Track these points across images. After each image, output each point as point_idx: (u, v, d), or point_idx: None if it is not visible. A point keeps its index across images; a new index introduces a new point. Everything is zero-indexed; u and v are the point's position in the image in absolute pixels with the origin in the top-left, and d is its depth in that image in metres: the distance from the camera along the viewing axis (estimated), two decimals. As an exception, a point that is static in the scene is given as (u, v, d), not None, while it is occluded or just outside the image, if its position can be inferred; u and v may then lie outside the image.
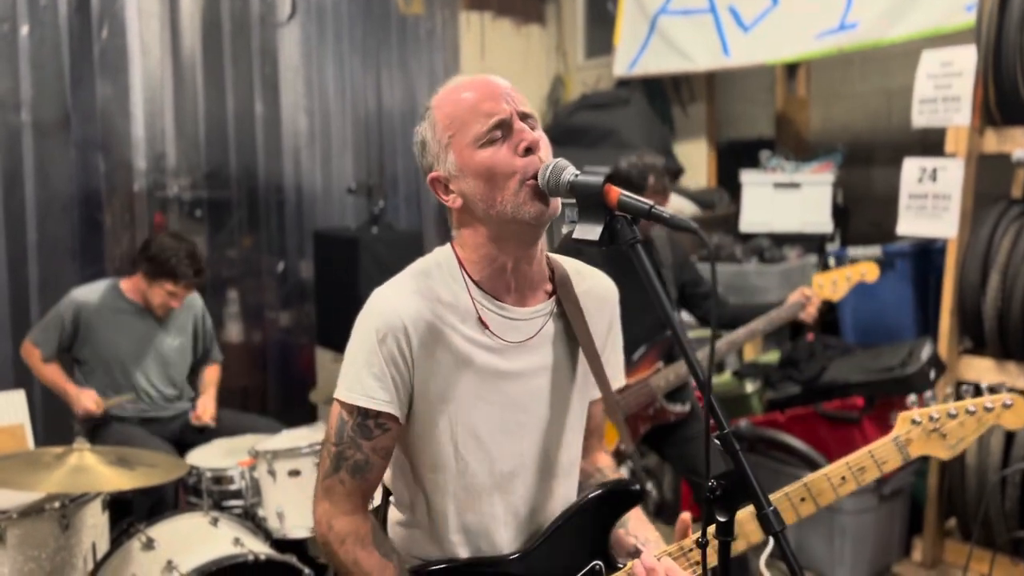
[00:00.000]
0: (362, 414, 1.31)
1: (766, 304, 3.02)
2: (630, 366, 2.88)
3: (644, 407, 2.85)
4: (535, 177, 1.28)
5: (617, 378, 1.52)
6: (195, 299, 3.32)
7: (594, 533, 1.41)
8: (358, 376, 1.31)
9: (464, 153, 1.30)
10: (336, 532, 1.33)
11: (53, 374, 3.10)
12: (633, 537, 1.43)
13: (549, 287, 1.41)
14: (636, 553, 1.36)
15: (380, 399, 1.31)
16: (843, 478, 1.48)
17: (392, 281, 1.38)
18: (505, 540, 1.40)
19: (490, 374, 1.35)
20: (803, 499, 1.46)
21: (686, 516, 1.41)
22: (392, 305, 1.32)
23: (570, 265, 1.46)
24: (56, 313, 3.10)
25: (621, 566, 1.41)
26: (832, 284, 2.86)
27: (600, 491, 1.43)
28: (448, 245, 1.40)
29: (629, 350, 2.85)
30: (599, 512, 1.42)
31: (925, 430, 1.57)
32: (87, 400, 2.99)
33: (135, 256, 3.19)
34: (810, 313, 2.82)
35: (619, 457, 2.89)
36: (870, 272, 2.85)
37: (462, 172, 1.30)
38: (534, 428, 1.40)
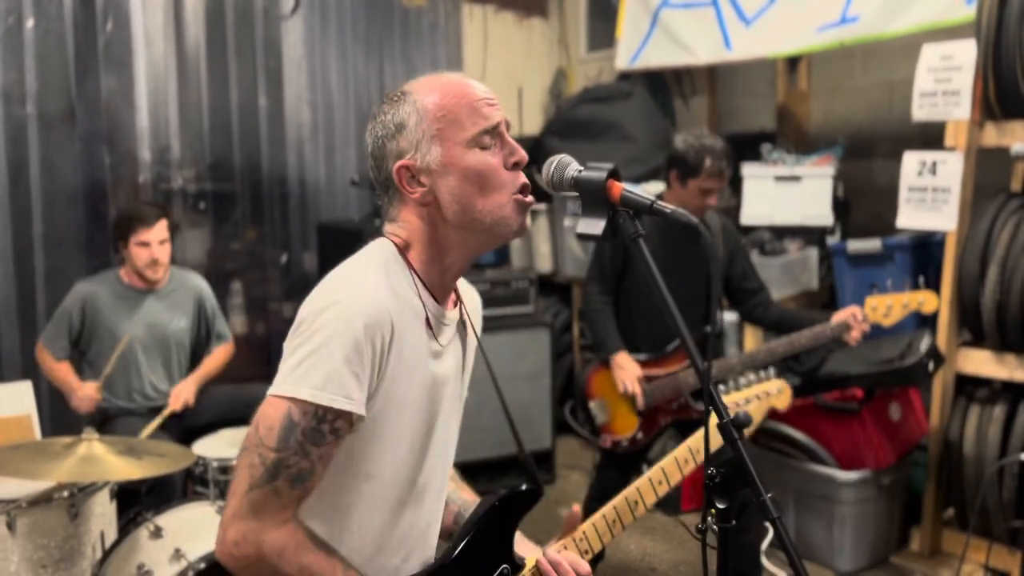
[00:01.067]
0: (320, 417, 1.15)
1: (809, 312, 2.94)
2: (662, 356, 2.88)
3: (668, 400, 2.84)
4: (522, 191, 1.27)
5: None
6: (197, 280, 3.35)
7: (501, 538, 1.37)
8: (333, 373, 1.15)
9: (454, 151, 1.24)
10: (271, 547, 1.17)
11: (63, 372, 3.14)
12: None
13: (454, 295, 1.37)
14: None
15: (356, 400, 1.17)
16: (661, 479, 1.56)
17: (357, 271, 1.25)
18: (414, 555, 1.34)
19: (429, 379, 1.29)
20: (636, 502, 1.52)
21: (576, 508, 1.45)
22: (376, 298, 1.20)
23: None
24: (63, 309, 3.15)
25: (522, 566, 1.38)
26: (887, 308, 2.73)
27: (505, 494, 1.38)
28: (386, 240, 1.29)
29: (664, 342, 2.87)
30: (504, 516, 1.37)
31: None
32: (89, 389, 3.03)
33: (111, 234, 3.24)
34: (854, 337, 2.70)
35: (633, 444, 2.89)
36: (929, 302, 2.71)
37: (446, 169, 1.24)
38: (442, 438, 1.35)
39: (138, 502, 2.52)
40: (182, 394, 3.17)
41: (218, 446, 2.89)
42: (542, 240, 4.66)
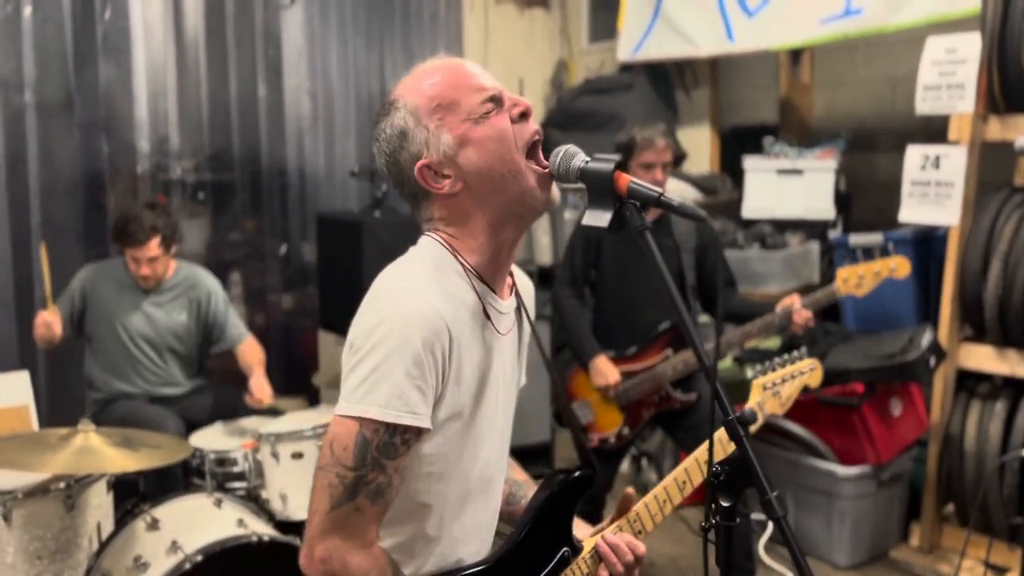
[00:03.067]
0: (391, 431, 1.17)
1: (760, 304, 2.96)
2: (639, 351, 2.89)
3: (649, 393, 2.87)
4: (534, 146, 1.25)
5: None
6: (204, 279, 3.32)
7: (560, 521, 1.40)
8: (397, 389, 1.15)
9: (462, 128, 1.23)
10: (355, 568, 1.19)
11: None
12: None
13: (510, 280, 1.37)
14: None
15: (422, 414, 1.18)
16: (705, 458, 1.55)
17: (406, 278, 1.24)
18: (483, 545, 1.37)
19: (490, 373, 1.30)
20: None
21: (630, 491, 1.45)
22: (430, 306, 1.19)
23: None
24: (68, 288, 3.17)
25: (580, 549, 1.41)
26: (858, 278, 2.70)
27: (565, 478, 1.40)
28: (430, 238, 1.29)
29: (643, 335, 2.88)
30: (563, 500, 1.40)
31: (772, 393, 1.87)
32: (46, 314, 2.96)
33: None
34: (798, 324, 2.69)
35: (620, 440, 2.91)
36: (901, 267, 2.68)
37: (462, 146, 1.22)
38: (503, 426, 1.37)
39: (135, 493, 2.51)
40: (264, 388, 3.11)
41: (215, 438, 2.88)
42: (542, 232, 4.64)
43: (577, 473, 1.40)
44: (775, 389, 1.82)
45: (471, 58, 5.14)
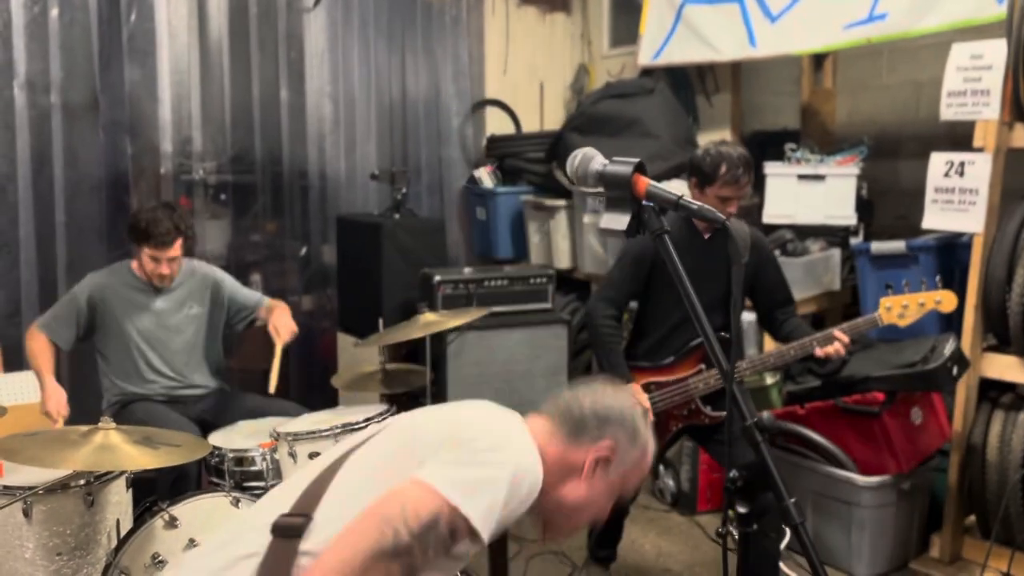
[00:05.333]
0: (456, 529, 1.27)
1: (811, 330, 2.93)
2: (672, 362, 2.85)
3: (679, 406, 2.83)
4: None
5: None
6: (206, 268, 3.34)
7: None
8: (493, 508, 1.29)
9: (616, 486, 1.50)
10: None
11: (44, 365, 2.98)
12: None
13: None
14: None
15: (484, 539, 1.30)
16: None
17: (533, 448, 1.42)
18: None
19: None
20: None
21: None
22: (537, 465, 1.39)
23: None
24: (70, 296, 3.12)
25: None
26: (902, 309, 2.66)
27: None
28: (528, 434, 1.46)
29: (680, 347, 2.85)
30: None
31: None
32: (52, 404, 2.89)
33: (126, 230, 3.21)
34: (826, 352, 2.69)
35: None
36: (947, 302, 2.64)
37: (607, 489, 1.49)
38: None
39: (154, 491, 2.52)
40: (289, 326, 3.17)
41: (234, 438, 2.90)
42: (561, 237, 4.63)
43: None
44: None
45: (492, 61, 5.16)
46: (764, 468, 1.03)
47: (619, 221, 1.15)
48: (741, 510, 1.07)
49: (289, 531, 1.32)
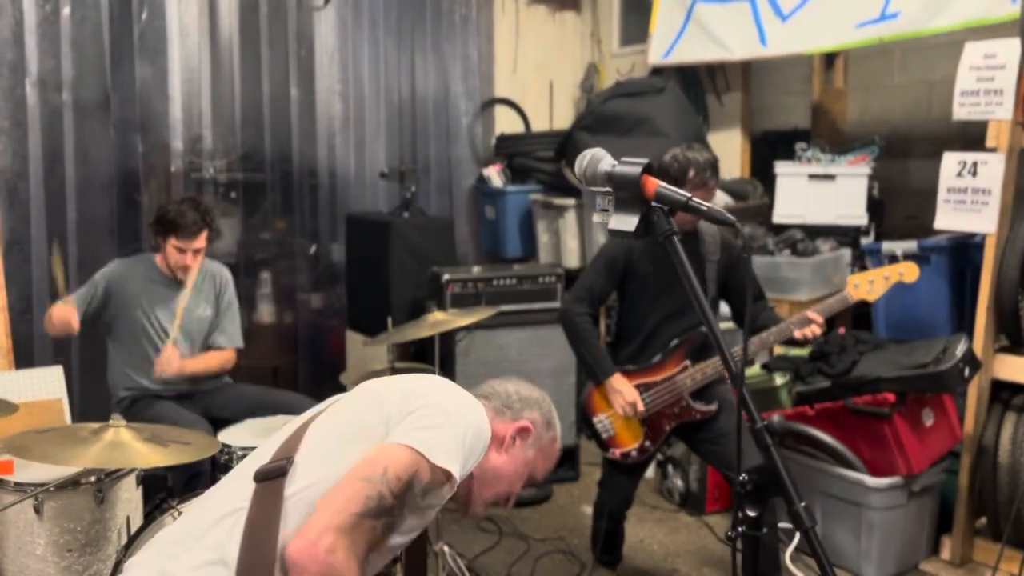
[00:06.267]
0: (433, 491, 1.39)
1: (798, 306, 3.00)
2: (658, 363, 2.87)
3: (670, 405, 2.85)
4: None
5: None
6: (224, 272, 3.36)
7: None
8: (465, 462, 1.43)
9: (530, 464, 1.68)
10: (341, 568, 1.29)
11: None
12: None
13: None
14: None
15: (457, 480, 1.43)
16: None
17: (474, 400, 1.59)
18: None
19: None
20: None
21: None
22: (488, 428, 1.56)
23: None
24: (92, 279, 3.19)
25: None
26: (868, 284, 2.76)
27: None
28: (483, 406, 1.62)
29: (663, 345, 2.87)
30: None
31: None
32: (58, 311, 2.93)
33: (151, 223, 3.22)
34: (811, 331, 2.76)
35: (642, 453, 2.89)
36: (909, 272, 2.74)
37: (522, 461, 1.66)
38: None
39: (164, 488, 2.53)
40: (173, 361, 3.09)
41: (244, 435, 2.90)
42: (570, 236, 4.63)
43: None
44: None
45: (501, 60, 5.16)
46: (775, 472, 1.02)
47: (628, 222, 1.14)
48: (751, 513, 1.06)
49: (272, 473, 1.39)
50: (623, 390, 2.81)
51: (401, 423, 1.42)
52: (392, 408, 1.46)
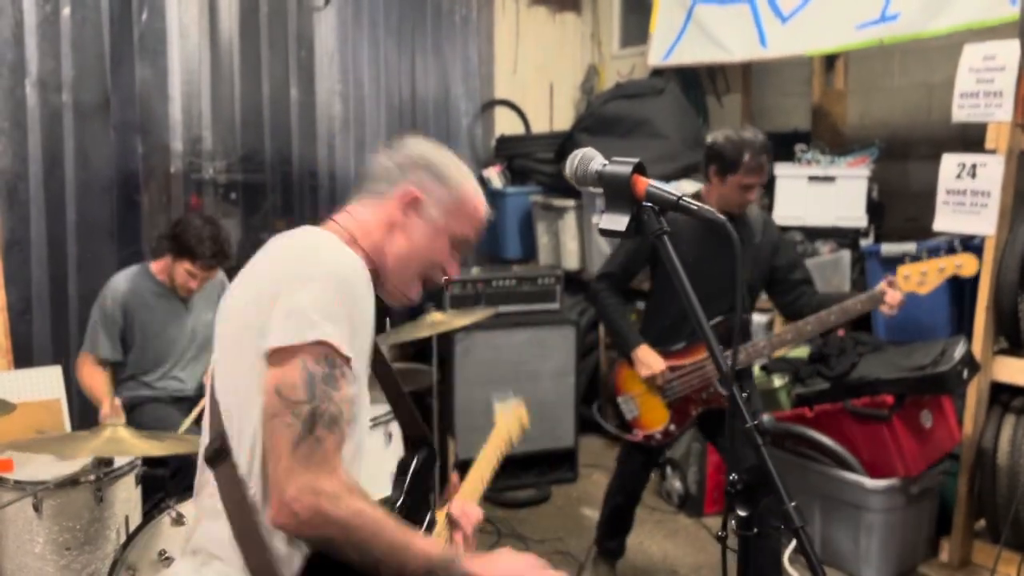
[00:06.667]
0: (330, 362, 1.25)
1: (848, 294, 2.86)
2: (687, 347, 2.83)
3: (697, 390, 2.81)
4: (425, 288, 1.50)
5: None
6: (220, 275, 3.36)
7: (423, 493, 1.61)
8: (329, 320, 1.24)
9: (441, 229, 1.46)
10: (328, 494, 1.21)
11: (96, 381, 3.03)
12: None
13: None
14: None
15: (347, 348, 1.27)
16: None
17: (323, 240, 1.40)
18: None
19: (365, 347, 1.39)
20: None
21: (455, 476, 1.74)
22: (354, 259, 1.34)
23: None
24: (102, 314, 3.11)
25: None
26: (920, 276, 2.60)
27: (420, 456, 1.60)
28: (323, 230, 1.47)
29: (692, 331, 2.82)
30: (421, 474, 1.61)
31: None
32: (114, 411, 2.81)
33: (165, 233, 3.21)
34: (890, 304, 2.60)
35: (666, 437, 2.87)
36: (968, 265, 2.59)
37: (430, 226, 1.46)
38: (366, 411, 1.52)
39: (162, 488, 2.54)
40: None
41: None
42: (569, 237, 4.63)
43: (426, 453, 1.62)
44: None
45: (502, 61, 5.16)
46: (765, 471, 1.02)
47: (619, 222, 1.14)
48: (741, 513, 1.06)
49: (218, 456, 1.32)
50: (649, 360, 2.78)
51: (267, 322, 1.27)
52: (256, 312, 1.31)
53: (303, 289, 1.26)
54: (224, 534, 1.31)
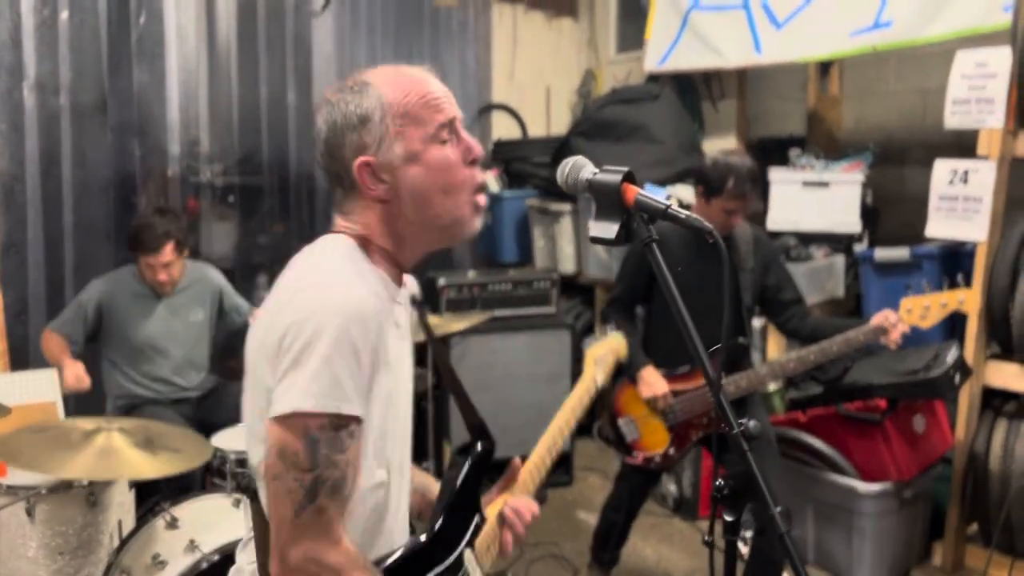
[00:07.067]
0: (335, 425, 1.16)
1: (844, 321, 2.89)
2: (690, 371, 2.82)
3: (699, 415, 2.80)
4: (479, 190, 1.30)
5: None
6: (212, 273, 3.38)
7: (473, 494, 1.51)
8: (333, 381, 1.15)
9: (415, 147, 1.25)
10: (331, 566, 1.17)
11: (58, 348, 3.05)
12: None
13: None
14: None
15: (356, 403, 1.18)
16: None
17: (329, 273, 1.24)
18: (404, 526, 1.40)
19: (402, 365, 1.33)
20: None
21: (518, 461, 1.60)
22: (361, 298, 1.20)
23: None
24: (78, 302, 3.18)
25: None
26: (923, 310, 2.62)
27: (473, 455, 1.50)
28: (341, 236, 1.30)
29: (688, 353, 2.82)
30: (473, 475, 1.50)
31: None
32: (69, 373, 2.92)
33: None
34: (893, 340, 2.62)
35: (666, 460, 2.87)
36: (970, 300, 2.62)
37: (408, 166, 1.25)
38: (408, 413, 1.40)
39: (156, 492, 2.54)
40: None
41: (237, 439, 2.91)
42: (566, 241, 4.64)
43: (480, 448, 1.50)
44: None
45: (499, 66, 5.18)
46: (751, 477, 1.04)
47: (608, 230, 1.16)
48: (728, 518, 1.07)
49: (247, 490, 1.30)
50: (653, 382, 2.78)
51: (270, 381, 1.20)
52: (261, 368, 1.23)
53: (306, 355, 1.15)
54: (253, 564, 1.31)
